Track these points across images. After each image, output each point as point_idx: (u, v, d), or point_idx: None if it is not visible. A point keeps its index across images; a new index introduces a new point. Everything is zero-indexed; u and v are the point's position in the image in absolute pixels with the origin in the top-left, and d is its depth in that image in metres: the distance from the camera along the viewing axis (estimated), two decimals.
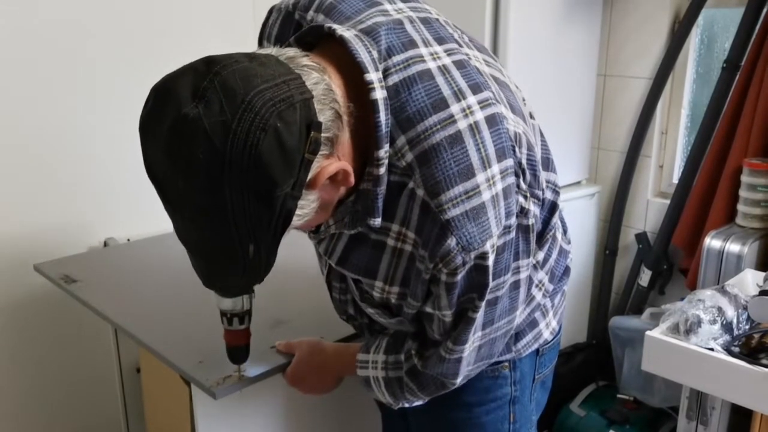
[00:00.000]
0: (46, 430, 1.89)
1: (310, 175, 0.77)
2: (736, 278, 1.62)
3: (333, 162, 0.79)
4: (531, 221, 0.90)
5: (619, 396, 2.19)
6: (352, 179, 0.83)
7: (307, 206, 0.80)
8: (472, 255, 0.83)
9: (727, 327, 1.38)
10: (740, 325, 1.40)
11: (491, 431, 1.12)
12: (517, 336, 1.07)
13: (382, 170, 0.83)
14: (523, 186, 0.88)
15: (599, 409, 2.18)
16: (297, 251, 1.76)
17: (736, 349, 1.34)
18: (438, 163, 0.82)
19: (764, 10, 1.87)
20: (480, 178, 0.82)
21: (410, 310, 0.94)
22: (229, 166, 0.71)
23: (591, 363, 2.34)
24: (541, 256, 1.02)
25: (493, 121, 0.85)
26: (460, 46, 0.92)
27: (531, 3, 1.95)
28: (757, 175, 1.80)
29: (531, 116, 1.01)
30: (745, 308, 1.41)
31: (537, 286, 1.04)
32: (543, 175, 0.95)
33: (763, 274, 1.56)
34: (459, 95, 0.84)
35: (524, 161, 0.89)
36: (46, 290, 1.64)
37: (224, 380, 1.13)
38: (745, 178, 1.83)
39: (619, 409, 2.15)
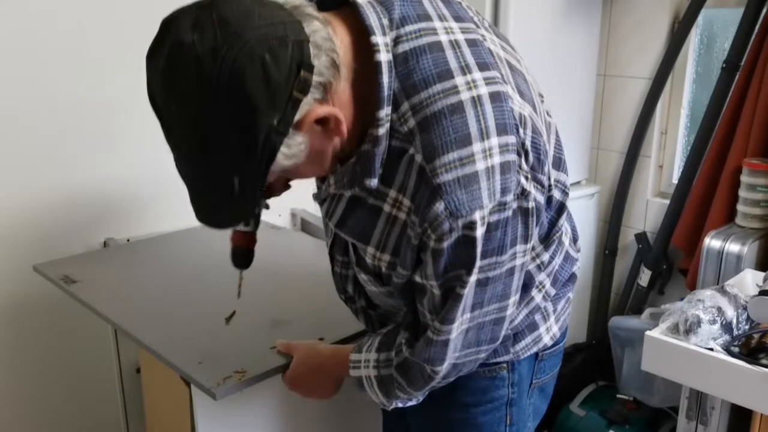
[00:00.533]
0: (46, 430, 1.89)
1: (298, 116, 0.79)
2: (735, 278, 1.62)
3: (325, 106, 0.81)
4: (531, 204, 0.89)
5: (618, 396, 2.20)
6: (344, 128, 0.84)
7: (294, 147, 0.82)
8: (460, 223, 0.84)
9: (727, 327, 1.38)
10: (740, 325, 1.40)
11: None
12: (516, 337, 1.07)
13: (382, 131, 0.85)
14: (525, 167, 0.88)
15: (599, 409, 2.18)
16: (296, 252, 1.76)
17: (736, 349, 1.34)
18: (437, 129, 0.83)
19: (764, 11, 1.87)
20: (476, 147, 0.84)
21: (399, 279, 0.95)
22: (216, 91, 0.75)
23: (591, 363, 2.35)
24: (546, 257, 1.02)
25: (497, 97, 0.86)
26: (478, 27, 0.93)
27: (531, 3, 1.95)
28: (757, 175, 1.80)
29: (548, 114, 1.02)
30: (745, 308, 1.41)
31: (537, 287, 1.04)
32: (553, 174, 0.96)
33: (762, 274, 1.56)
34: (465, 69, 0.86)
35: (528, 143, 0.89)
36: (46, 290, 1.63)
37: (224, 381, 1.13)
38: (744, 178, 1.83)
39: (619, 409, 2.16)
